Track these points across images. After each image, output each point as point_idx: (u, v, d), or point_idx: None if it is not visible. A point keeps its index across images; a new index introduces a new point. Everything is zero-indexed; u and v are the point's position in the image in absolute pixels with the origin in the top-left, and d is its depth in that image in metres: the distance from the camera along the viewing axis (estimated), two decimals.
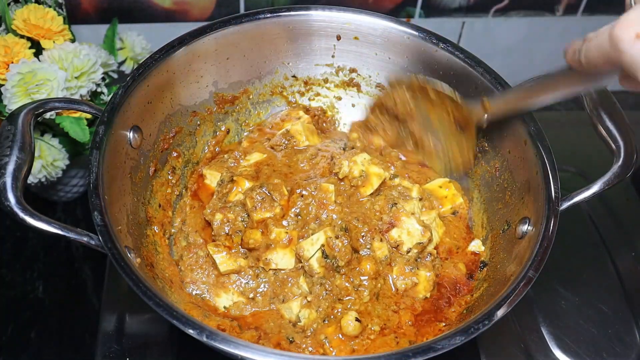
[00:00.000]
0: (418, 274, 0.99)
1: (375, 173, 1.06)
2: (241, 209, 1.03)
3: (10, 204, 0.79)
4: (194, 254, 1.02)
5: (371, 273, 0.97)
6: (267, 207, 1.01)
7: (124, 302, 1.09)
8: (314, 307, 0.95)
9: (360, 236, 1.00)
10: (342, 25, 1.14)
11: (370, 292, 0.97)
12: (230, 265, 0.99)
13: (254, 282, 0.99)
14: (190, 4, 1.35)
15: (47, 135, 1.15)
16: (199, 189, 1.13)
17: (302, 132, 1.15)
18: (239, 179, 1.06)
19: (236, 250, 1.00)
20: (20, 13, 1.11)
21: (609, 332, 1.12)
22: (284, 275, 0.99)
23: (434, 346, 0.76)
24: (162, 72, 1.04)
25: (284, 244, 0.98)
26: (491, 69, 1.06)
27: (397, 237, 1.01)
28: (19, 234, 1.26)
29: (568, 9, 1.46)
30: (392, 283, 1.00)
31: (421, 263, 1.01)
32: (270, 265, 0.98)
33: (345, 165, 1.06)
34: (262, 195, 1.02)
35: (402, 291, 0.99)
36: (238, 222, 1.02)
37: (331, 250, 0.96)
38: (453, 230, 1.09)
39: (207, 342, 0.75)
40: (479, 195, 1.12)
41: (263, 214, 1.00)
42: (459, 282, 1.02)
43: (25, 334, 1.13)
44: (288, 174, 1.09)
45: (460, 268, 1.04)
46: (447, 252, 1.06)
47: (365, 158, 1.07)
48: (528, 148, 0.98)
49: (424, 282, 0.99)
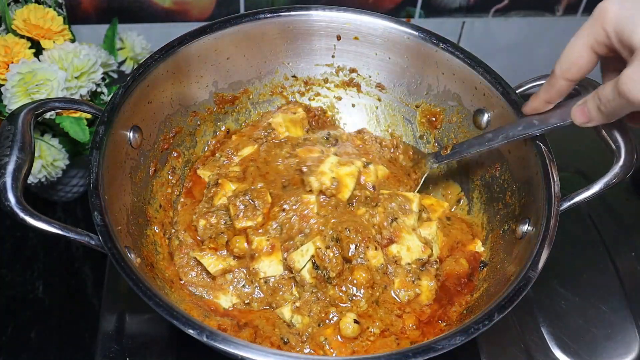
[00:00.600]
0: (420, 284, 0.99)
1: (347, 173, 1.03)
2: (224, 212, 1.03)
3: (10, 204, 0.79)
4: (185, 254, 1.02)
5: (364, 282, 0.95)
6: (250, 215, 1.00)
7: (124, 302, 1.09)
8: (305, 312, 0.94)
9: (350, 247, 0.97)
10: (342, 25, 1.14)
11: (368, 300, 0.96)
12: (220, 265, 0.98)
13: (249, 287, 0.99)
14: (190, 4, 1.35)
15: (47, 135, 1.15)
16: (193, 186, 1.13)
17: (282, 123, 1.14)
18: (224, 182, 1.06)
19: (226, 253, 1.00)
20: (20, 13, 1.11)
21: (609, 332, 1.12)
22: (274, 284, 0.98)
23: (434, 346, 0.76)
24: (162, 72, 1.04)
25: (267, 252, 0.97)
26: (491, 69, 1.06)
27: (397, 252, 1.00)
28: (19, 234, 1.26)
29: (568, 9, 1.46)
30: (394, 295, 0.99)
31: (423, 273, 1.00)
32: (259, 274, 0.98)
33: (314, 181, 1.02)
34: (245, 204, 1.01)
35: (406, 302, 0.99)
36: (221, 225, 1.02)
37: (322, 261, 0.95)
38: (451, 230, 1.09)
39: (207, 342, 0.75)
40: (479, 195, 1.12)
41: (245, 223, 1.00)
42: (462, 277, 1.02)
43: (25, 334, 1.13)
44: (265, 174, 1.08)
45: (462, 263, 1.03)
46: (449, 250, 1.06)
47: (332, 162, 1.04)
48: (528, 148, 0.98)
49: (427, 292, 0.99)
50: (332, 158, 1.05)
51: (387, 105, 1.22)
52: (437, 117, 1.16)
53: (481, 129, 1.09)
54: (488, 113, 1.07)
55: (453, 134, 1.15)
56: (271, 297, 0.98)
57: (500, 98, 1.03)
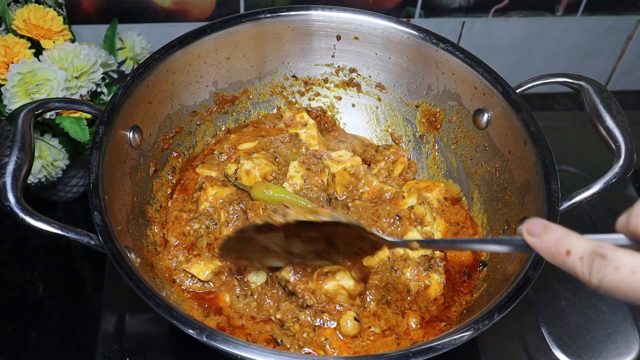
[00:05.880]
0: (430, 276, 0.99)
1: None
2: (207, 217, 1.03)
3: (10, 204, 0.79)
4: (173, 256, 1.02)
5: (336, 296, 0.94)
6: (239, 225, 1.00)
7: (124, 302, 1.09)
8: (289, 321, 0.94)
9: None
10: (342, 25, 1.14)
11: (378, 302, 0.96)
12: (208, 269, 0.98)
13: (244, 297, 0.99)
14: (190, 4, 1.35)
15: (47, 135, 1.15)
16: (185, 184, 1.13)
17: (315, 137, 1.15)
18: (206, 187, 1.06)
19: (208, 254, 1.00)
20: (20, 13, 1.11)
21: (609, 332, 1.12)
22: (262, 297, 0.97)
23: (434, 346, 0.76)
24: (162, 72, 1.04)
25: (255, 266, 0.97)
26: (491, 69, 1.06)
27: (403, 251, 1.01)
28: (19, 234, 1.26)
29: (568, 9, 1.46)
30: (404, 286, 0.99)
31: (433, 268, 1.00)
32: (251, 285, 0.98)
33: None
34: (237, 213, 1.01)
35: (414, 293, 0.99)
36: (202, 230, 1.02)
37: (293, 286, 0.94)
38: (451, 216, 1.10)
39: (207, 342, 0.75)
40: (479, 195, 1.12)
41: None
42: (465, 266, 1.02)
43: (25, 334, 1.13)
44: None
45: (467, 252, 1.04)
46: (453, 235, 1.08)
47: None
48: (528, 148, 0.98)
49: (435, 285, 0.99)
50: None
51: (387, 105, 1.22)
52: (437, 117, 1.16)
53: (481, 129, 1.09)
54: (488, 113, 1.07)
55: (453, 133, 1.15)
56: (259, 310, 0.97)
57: (500, 98, 1.03)
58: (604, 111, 0.97)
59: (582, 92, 1.01)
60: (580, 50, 1.55)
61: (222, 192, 1.05)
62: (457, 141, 1.14)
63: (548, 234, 0.61)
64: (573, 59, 1.57)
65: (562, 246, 0.59)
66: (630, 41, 1.56)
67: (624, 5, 1.47)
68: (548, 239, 0.60)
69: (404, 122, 1.21)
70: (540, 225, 0.61)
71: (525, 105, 1.01)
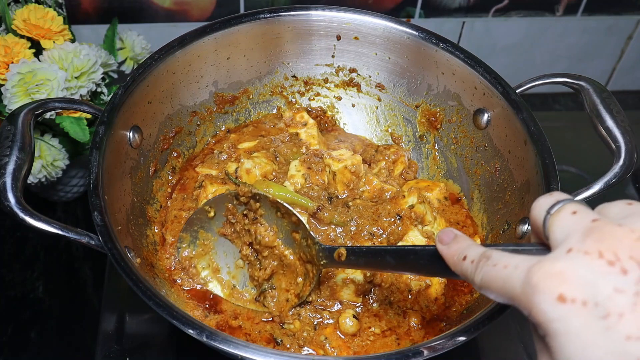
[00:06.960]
0: None
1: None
2: None
3: (10, 204, 0.79)
4: (170, 255, 1.02)
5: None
6: None
7: (124, 302, 1.09)
8: (289, 318, 0.95)
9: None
10: (342, 25, 1.14)
11: (381, 302, 0.96)
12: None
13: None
14: (190, 4, 1.35)
15: (47, 135, 1.15)
16: (185, 183, 1.13)
17: (315, 136, 1.16)
18: (206, 185, 1.06)
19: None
20: (20, 13, 1.11)
21: None
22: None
23: (434, 346, 0.76)
24: (162, 72, 1.04)
25: None
26: (491, 69, 1.06)
27: None
28: (19, 234, 1.26)
29: (568, 9, 1.46)
30: (407, 282, 0.98)
31: None
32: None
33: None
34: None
35: (416, 292, 0.99)
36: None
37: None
38: (451, 215, 1.10)
39: (207, 342, 0.75)
40: (479, 195, 1.12)
41: None
42: None
43: (25, 334, 1.13)
44: None
45: None
46: None
47: None
48: (528, 148, 0.98)
49: (436, 285, 0.99)
50: None
51: (387, 105, 1.22)
52: (437, 117, 1.16)
53: (481, 129, 1.09)
54: (488, 113, 1.07)
55: (453, 133, 1.15)
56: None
57: (500, 98, 1.03)
58: (604, 111, 0.97)
59: (582, 92, 1.01)
60: (580, 50, 1.55)
61: (221, 190, 1.05)
62: (457, 141, 1.14)
63: (455, 243, 0.63)
64: (573, 59, 1.57)
65: (462, 254, 0.61)
66: (630, 41, 1.56)
67: (624, 5, 1.47)
68: (454, 247, 0.63)
69: (404, 122, 1.21)
70: (451, 234, 0.64)
71: (525, 105, 1.01)
